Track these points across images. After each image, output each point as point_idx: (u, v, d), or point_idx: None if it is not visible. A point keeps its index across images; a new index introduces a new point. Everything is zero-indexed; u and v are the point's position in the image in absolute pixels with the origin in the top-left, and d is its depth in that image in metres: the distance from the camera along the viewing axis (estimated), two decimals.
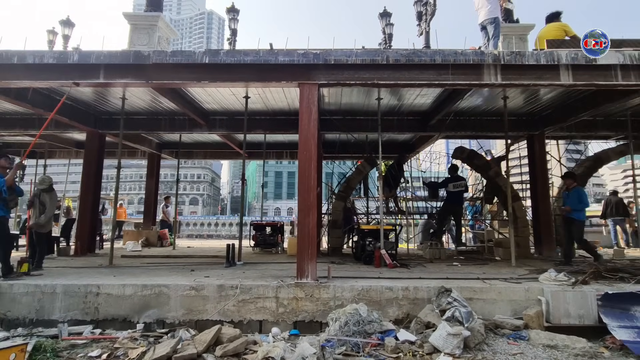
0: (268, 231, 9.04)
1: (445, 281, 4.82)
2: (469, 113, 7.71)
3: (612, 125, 7.92)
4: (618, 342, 3.93)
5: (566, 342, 3.81)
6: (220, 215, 57.70)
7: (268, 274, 5.41)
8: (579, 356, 3.63)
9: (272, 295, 4.49)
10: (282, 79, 4.95)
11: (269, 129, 8.28)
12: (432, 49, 5.33)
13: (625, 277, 5.09)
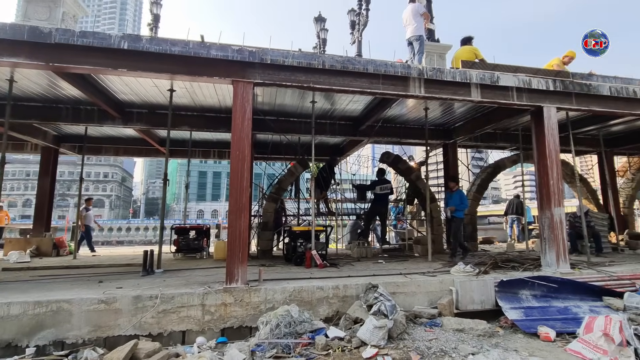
0: (192, 235, 8.46)
1: (372, 278, 5.12)
2: (395, 121, 8.35)
3: (508, 138, 9.35)
4: (510, 322, 4.59)
5: (471, 325, 4.36)
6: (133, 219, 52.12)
7: (193, 280, 5.13)
8: (480, 336, 4.19)
9: (197, 302, 4.28)
10: (215, 75, 4.75)
11: (196, 126, 7.79)
12: (365, 58, 5.64)
13: (515, 266, 6.07)
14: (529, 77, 6.09)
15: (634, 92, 6.53)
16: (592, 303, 5.08)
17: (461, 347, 3.79)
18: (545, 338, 4.17)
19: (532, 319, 4.62)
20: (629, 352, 3.53)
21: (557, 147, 6.13)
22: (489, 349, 3.73)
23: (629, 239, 9.47)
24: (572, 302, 5.03)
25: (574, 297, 5.12)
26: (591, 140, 10.03)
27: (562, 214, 5.98)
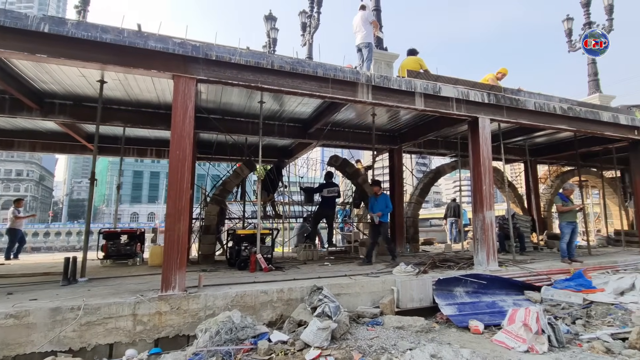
0: (124, 240, 7.82)
1: (317, 280, 5.18)
2: (344, 125, 8.53)
3: (448, 145, 10.02)
4: (445, 317, 4.90)
5: (410, 322, 4.60)
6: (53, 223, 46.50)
7: (124, 289, 4.78)
8: (418, 332, 4.43)
9: (128, 312, 4.02)
10: (153, 68, 4.48)
11: (131, 121, 7.19)
12: (316, 61, 5.69)
13: (451, 266, 6.52)
14: (467, 90, 6.59)
15: (554, 107, 7.38)
16: (515, 297, 5.62)
17: (400, 344, 3.97)
18: (475, 331, 4.52)
19: (464, 313, 4.97)
20: (543, 339, 3.96)
21: (490, 155, 6.69)
22: (425, 344, 3.95)
23: (548, 239, 10.62)
24: (499, 297, 5.51)
25: (500, 292, 5.61)
26: (519, 150, 11.10)
27: (493, 216, 6.54)
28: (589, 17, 12.27)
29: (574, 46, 12.55)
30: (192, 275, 5.29)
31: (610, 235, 11.71)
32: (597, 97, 11.75)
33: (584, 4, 12.16)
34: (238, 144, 8.68)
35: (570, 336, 4.28)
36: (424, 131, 8.45)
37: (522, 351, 3.88)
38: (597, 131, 8.04)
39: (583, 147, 9.86)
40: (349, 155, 10.86)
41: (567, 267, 6.88)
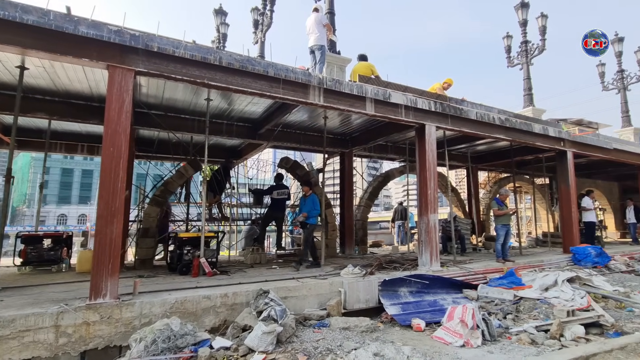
0: (47, 244, 7.14)
1: (264, 284, 5.13)
2: (296, 126, 8.53)
3: (398, 150, 10.42)
4: (389, 317, 5.07)
5: (356, 323, 4.70)
6: None
7: (45, 298, 4.36)
8: (364, 332, 4.54)
9: (49, 324, 3.69)
10: (85, 56, 4.13)
11: (58, 114, 6.57)
12: (267, 60, 5.62)
13: (397, 267, 6.78)
14: (415, 97, 6.89)
15: (493, 118, 7.96)
16: (455, 295, 5.96)
17: (346, 344, 4.04)
18: (417, 329, 4.74)
19: (407, 313, 5.18)
20: (478, 333, 4.26)
21: (435, 161, 7.05)
22: (370, 343, 4.05)
23: (485, 240, 11.45)
24: (440, 296, 5.82)
25: (441, 291, 5.92)
26: (462, 157, 11.86)
27: (437, 219, 6.89)
28: (525, 35, 13.55)
29: (512, 62, 13.76)
30: (127, 281, 4.97)
31: (539, 237, 12.80)
32: (530, 110, 12.94)
33: (521, 23, 13.40)
34: (182, 143, 8.27)
35: (501, 330, 4.62)
36: (375, 136, 8.71)
37: (458, 346, 4.13)
38: (530, 141, 8.78)
39: (518, 155, 10.76)
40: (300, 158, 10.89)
41: (501, 267, 7.42)
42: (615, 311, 5.54)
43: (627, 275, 8.01)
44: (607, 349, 3.97)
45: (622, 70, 15.82)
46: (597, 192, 14.95)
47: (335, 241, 9.33)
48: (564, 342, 4.25)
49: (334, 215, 9.23)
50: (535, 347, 4.11)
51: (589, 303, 5.45)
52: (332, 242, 8.95)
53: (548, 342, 4.21)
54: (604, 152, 10.53)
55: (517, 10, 13.09)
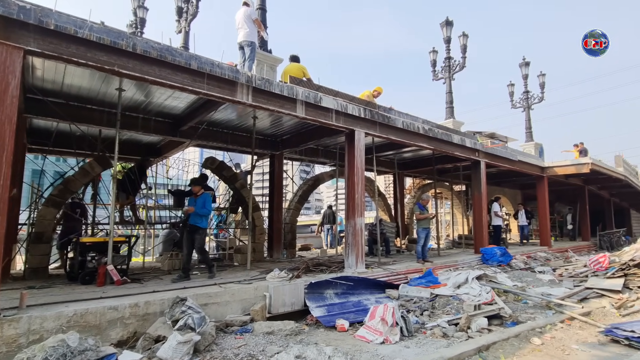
0: None
1: (182, 291, 4.88)
2: (223, 125, 8.19)
3: (328, 155, 10.62)
4: (314, 319, 5.14)
5: (280, 327, 4.72)
6: None
7: None
8: (288, 335, 4.57)
9: None
10: None
11: None
12: (190, 52, 5.27)
13: (324, 269, 6.89)
14: (346, 103, 7.04)
15: (418, 127, 8.46)
16: (378, 295, 6.20)
17: (269, 349, 4.05)
18: (341, 329, 4.86)
19: (332, 314, 5.28)
20: (397, 330, 4.52)
21: (363, 166, 7.27)
22: (293, 346, 4.09)
23: (408, 243, 12.12)
24: (364, 296, 6.00)
25: (365, 292, 6.12)
26: (390, 163, 12.49)
27: (363, 223, 7.12)
28: (449, 52, 14.81)
29: (437, 76, 14.91)
30: (12, 294, 4.37)
31: (455, 239, 14.03)
32: (451, 122, 14.15)
33: (445, 40, 14.61)
34: (88, 137, 7.37)
35: (418, 326, 4.98)
36: (306, 139, 8.75)
37: (378, 343, 4.35)
38: (450, 151, 9.49)
39: (439, 163, 11.60)
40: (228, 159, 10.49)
41: (421, 267, 7.91)
42: (513, 303, 6.25)
43: (525, 272, 9.05)
44: (504, 337, 4.54)
45: (527, 91, 18.05)
46: (504, 198, 16.90)
47: (263, 245, 9.17)
48: (471, 333, 4.69)
49: (262, 218, 9.05)
50: (446, 340, 4.50)
51: (493, 297, 6.08)
52: (259, 246, 8.78)
53: (457, 335, 4.63)
54: (511, 163, 11.74)
55: (442, 27, 14.24)
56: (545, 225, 13.54)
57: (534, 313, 5.77)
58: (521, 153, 13.26)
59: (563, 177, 13.88)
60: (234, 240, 9.13)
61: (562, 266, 9.78)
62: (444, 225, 18.77)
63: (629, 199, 19.98)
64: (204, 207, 6.10)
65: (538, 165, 13.50)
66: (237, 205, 9.46)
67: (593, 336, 4.83)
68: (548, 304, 6.16)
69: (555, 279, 8.41)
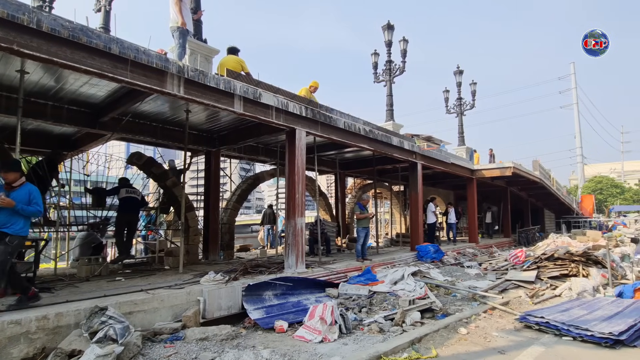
0: None
1: (102, 299, 4.60)
2: (152, 118, 7.65)
3: (269, 153, 10.51)
4: (252, 321, 5.10)
5: (215, 332, 4.59)
6: None
7: None
8: (224, 340, 4.46)
9: None
10: None
11: None
12: (111, 35, 4.82)
13: (263, 271, 6.79)
14: (287, 100, 6.96)
15: (359, 128, 8.64)
16: (318, 294, 6.24)
17: (202, 355, 3.95)
18: (280, 330, 4.84)
19: (271, 315, 5.25)
20: (335, 328, 4.62)
21: (304, 165, 7.27)
22: (229, 351, 4.03)
23: (349, 242, 12.46)
24: (304, 296, 6.03)
25: (305, 292, 6.15)
26: (331, 163, 12.74)
27: (304, 223, 7.12)
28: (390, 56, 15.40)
29: (378, 78, 15.44)
30: None
31: (394, 237, 14.74)
32: (391, 124, 14.73)
33: (387, 44, 15.16)
34: None
35: (356, 323, 5.09)
36: (245, 136, 8.54)
37: (317, 342, 4.40)
38: (389, 152, 9.87)
39: (379, 164, 12.07)
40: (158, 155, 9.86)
41: (360, 265, 8.11)
42: (444, 297, 6.63)
43: (455, 267, 9.69)
44: (435, 329, 4.83)
45: (461, 98, 19.34)
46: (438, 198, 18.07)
47: (197, 247, 8.80)
48: (405, 327, 4.91)
49: (196, 218, 8.64)
50: (382, 335, 4.68)
51: (426, 292, 6.45)
52: (194, 248, 8.40)
53: (393, 329, 4.83)
54: (445, 165, 12.54)
55: (384, 30, 14.74)
56: (474, 223, 14.67)
57: (461, 305, 6.17)
58: (454, 156, 14.23)
59: (489, 179, 15.22)
60: (165, 242, 8.58)
61: (487, 261, 10.71)
62: (384, 224, 19.58)
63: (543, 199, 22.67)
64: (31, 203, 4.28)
65: (468, 167, 14.56)
66: (168, 205, 8.91)
67: (510, 323, 5.32)
68: (474, 296, 6.60)
69: (481, 273, 9.06)
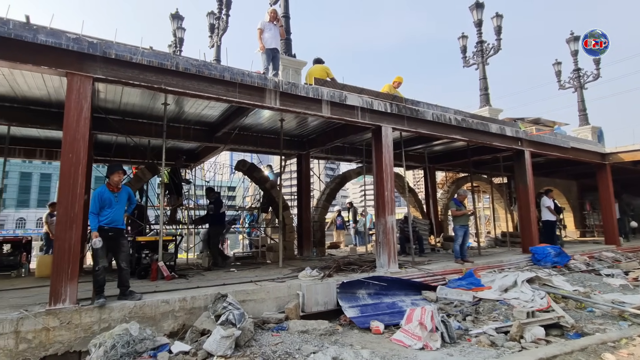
0: (6, 249, 7.87)
1: (222, 287, 5.57)
2: (253, 129, 9.25)
3: (355, 152, 11.33)
4: (348, 319, 5.48)
5: (314, 326, 5.09)
6: None
7: (5, 304, 4.81)
8: (322, 335, 4.94)
9: (9, 330, 4.11)
10: (43, 64, 4.64)
11: (18, 120, 7.19)
12: (223, 65, 6.20)
13: (355, 269, 7.36)
14: (371, 99, 7.57)
15: (450, 119, 8.72)
16: (413, 297, 6.39)
17: (304, 348, 4.34)
18: (376, 331, 5.10)
19: (366, 315, 5.60)
20: (437, 336, 4.58)
21: (392, 162, 7.63)
22: (328, 347, 4.36)
23: (444, 241, 12.56)
24: (399, 297, 6.25)
25: (400, 293, 6.36)
26: (419, 157, 12.81)
27: (394, 221, 7.50)
28: (480, 36, 15.08)
29: (468, 62, 15.29)
30: (85, 286, 5.33)
31: (498, 237, 13.88)
32: (487, 110, 14.36)
33: (476, 24, 14.93)
34: (140, 146, 8.86)
35: (461, 332, 4.95)
36: (331, 137, 9.50)
37: (417, 348, 4.45)
38: (487, 141, 9.51)
39: (475, 155, 11.69)
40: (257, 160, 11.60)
41: (460, 267, 7.99)
42: (575, 312, 5.94)
43: (587, 275, 8.50)
44: (567, 351, 4.22)
45: (579, 69, 16.78)
46: (555, 191, 15.94)
47: (293, 243, 10.07)
48: (524, 343, 4.58)
49: (291, 217, 10.00)
50: (495, 349, 4.45)
51: (549, 304, 5.93)
52: (290, 245, 9.67)
53: (508, 344, 4.56)
54: (562, 151, 11.28)
55: (472, 10, 14.60)
56: (611, 220, 12.56)
57: (603, 324, 5.41)
58: (574, 139, 12.56)
59: (631, 163, 12.74)
60: (266, 238, 10.19)
61: (638, 268, 9.30)
62: (483, 221, 18.83)
63: None
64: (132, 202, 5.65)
65: (597, 151, 12.62)
66: (267, 205, 10.55)
67: None
68: (621, 314, 5.76)
69: (628, 284, 7.90)
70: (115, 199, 5.16)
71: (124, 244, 5.31)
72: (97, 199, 5.04)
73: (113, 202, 5.11)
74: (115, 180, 5.24)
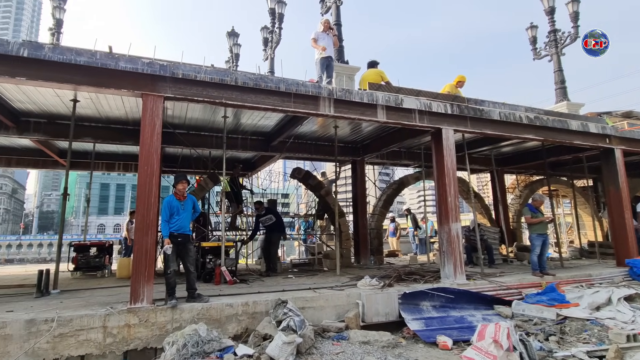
0: (93, 252, 9.16)
1: (281, 293, 5.86)
2: (307, 137, 9.75)
3: (412, 156, 11.31)
4: (412, 332, 5.45)
5: (376, 337, 5.10)
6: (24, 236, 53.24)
7: (94, 301, 5.63)
8: (385, 347, 4.92)
9: (98, 324, 4.75)
10: (123, 87, 5.45)
11: (101, 137, 8.50)
12: (277, 77, 6.71)
13: (417, 279, 7.29)
14: (429, 101, 7.53)
15: (520, 117, 8.37)
16: (485, 311, 6.19)
17: (367, 359, 4.38)
18: (443, 347, 5.00)
19: (431, 328, 5.53)
20: (515, 356, 4.24)
21: (455, 166, 7.50)
22: None
23: (517, 251, 11.90)
24: (468, 312, 6.09)
25: (469, 307, 6.19)
26: (485, 160, 12.33)
27: (459, 228, 7.27)
28: (553, 24, 14.28)
29: (539, 54, 14.57)
30: (157, 287, 5.91)
31: (584, 247, 12.91)
32: (564, 105, 13.49)
33: (548, 11, 14.18)
34: (202, 157, 9.93)
35: (543, 353, 4.61)
36: (387, 142, 9.60)
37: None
38: (566, 140, 9.00)
39: (552, 156, 11.08)
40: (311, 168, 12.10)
41: (539, 281, 7.51)
42: None
43: None
44: None
45: None
46: None
47: (349, 251, 10.32)
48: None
49: (347, 224, 10.26)
50: None
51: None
52: (346, 252, 9.93)
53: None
54: None
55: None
56: None
57: None
58: None
59: None
60: (322, 245, 10.56)
61: None
62: (565, 229, 17.52)
63: None
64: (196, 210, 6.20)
65: None
66: (323, 212, 10.95)
67: None
68: None
69: None
70: (182, 206, 5.75)
71: (191, 249, 5.89)
72: (167, 207, 5.67)
73: (180, 209, 5.70)
74: (181, 188, 5.83)
